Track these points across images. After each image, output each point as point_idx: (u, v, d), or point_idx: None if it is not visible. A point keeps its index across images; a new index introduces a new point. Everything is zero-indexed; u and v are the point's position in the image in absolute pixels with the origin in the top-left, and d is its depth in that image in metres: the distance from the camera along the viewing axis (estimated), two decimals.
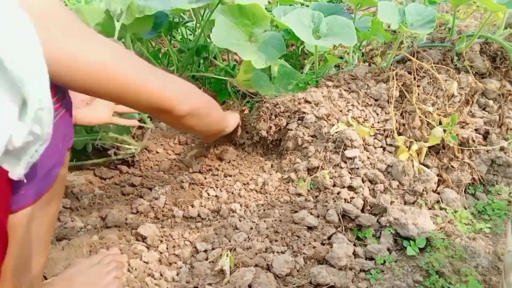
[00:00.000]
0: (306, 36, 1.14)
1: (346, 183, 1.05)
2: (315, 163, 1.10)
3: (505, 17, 1.18)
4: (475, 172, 1.06)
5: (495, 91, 1.21)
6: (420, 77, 1.18)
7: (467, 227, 0.97)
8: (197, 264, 0.90)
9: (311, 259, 0.91)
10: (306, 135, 1.16)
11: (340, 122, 1.15)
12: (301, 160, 1.14)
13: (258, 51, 1.20)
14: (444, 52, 1.25)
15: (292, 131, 1.18)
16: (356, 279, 0.87)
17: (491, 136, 1.12)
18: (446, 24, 1.43)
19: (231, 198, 1.11)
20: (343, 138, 1.08)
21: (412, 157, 1.06)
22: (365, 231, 0.97)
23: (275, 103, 1.21)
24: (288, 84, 1.31)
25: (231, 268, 0.87)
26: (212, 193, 1.13)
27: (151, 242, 0.97)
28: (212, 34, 1.18)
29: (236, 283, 0.84)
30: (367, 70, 1.27)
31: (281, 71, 1.33)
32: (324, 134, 1.12)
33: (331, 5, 1.38)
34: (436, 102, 1.15)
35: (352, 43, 1.14)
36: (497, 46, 1.24)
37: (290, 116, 1.20)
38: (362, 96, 1.21)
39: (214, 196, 1.12)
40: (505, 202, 1.02)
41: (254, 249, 0.92)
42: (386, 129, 1.14)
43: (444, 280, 0.83)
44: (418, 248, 0.91)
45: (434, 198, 1.03)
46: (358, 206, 1.01)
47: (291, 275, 0.88)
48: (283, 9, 1.34)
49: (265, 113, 1.22)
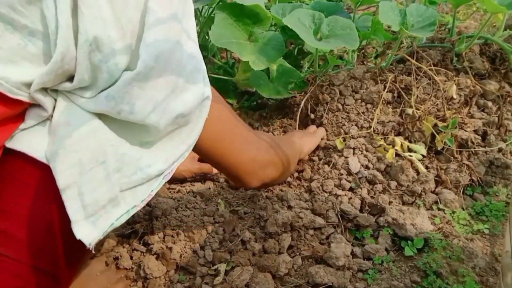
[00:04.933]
0: (309, 38, 1.12)
1: (344, 183, 1.05)
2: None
3: (505, 19, 1.18)
4: (473, 173, 1.06)
5: (494, 93, 1.21)
6: (420, 77, 1.18)
7: (465, 228, 0.98)
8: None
9: (309, 259, 0.91)
10: None
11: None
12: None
13: (257, 52, 1.18)
14: (444, 53, 1.25)
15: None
16: (353, 279, 0.87)
17: (490, 138, 1.12)
18: (446, 25, 1.43)
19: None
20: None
21: (398, 151, 1.07)
22: (363, 231, 0.97)
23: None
24: (288, 83, 1.31)
25: (227, 267, 0.87)
26: None
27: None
28: (210, 32, 1.17)
29: (233, 282, 0.84)
30: (366, 70, 1.27)
31: (279, 69, 1.32)
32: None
33: (331, 4, 1.38)
34: (435, 103, 1.15)
35: (354, 47, 1.12)
36: (496, 48, 1.25)
37: None
38: (360, 96, 1.21)
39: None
40: (503, 203, 1.02)
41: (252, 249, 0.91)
42: (385, 129, 1.14)
43: (442, 280, 0.83)
44: (416, 248, 0.91)
45: (432, 198, 1.03)
46: (356, 206, 1.01)
47: (288, 275, 0.88)
48: (281, 7, 1.33)
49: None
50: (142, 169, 0.54)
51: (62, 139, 0.50)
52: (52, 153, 0.50)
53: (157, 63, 0.50)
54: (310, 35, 1.14)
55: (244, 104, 1.48)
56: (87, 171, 0.51)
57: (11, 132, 0.52)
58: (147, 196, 0.55)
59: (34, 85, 0.50)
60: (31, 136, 0.52)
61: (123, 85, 0.50)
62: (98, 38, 0.48)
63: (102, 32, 0.48)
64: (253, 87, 1.29)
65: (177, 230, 0.98)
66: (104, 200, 0.52)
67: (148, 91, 0.52)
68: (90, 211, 0.51)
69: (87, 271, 0.88)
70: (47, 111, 0.52)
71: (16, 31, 0.48)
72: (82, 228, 0.51)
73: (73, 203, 0.51)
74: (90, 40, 0.48)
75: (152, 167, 0.54)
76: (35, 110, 0.53)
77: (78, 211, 0.51)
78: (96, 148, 0.51)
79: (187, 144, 0.59)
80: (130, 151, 0.53)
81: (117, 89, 0.51)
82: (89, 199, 0.51)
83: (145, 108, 0.51)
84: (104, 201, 0.52)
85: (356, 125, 1.16)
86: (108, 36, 0.49)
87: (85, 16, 0.47)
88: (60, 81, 0.52)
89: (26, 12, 0.47)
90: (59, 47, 0.48)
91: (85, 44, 0.49)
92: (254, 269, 0.88)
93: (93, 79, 0.51)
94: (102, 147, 0.51)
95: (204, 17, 1.41)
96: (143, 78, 0.50)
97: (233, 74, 1.41)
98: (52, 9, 0.47)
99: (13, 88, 0.49)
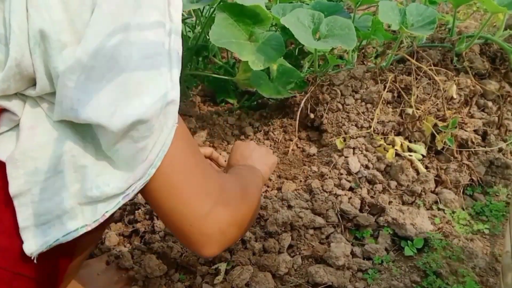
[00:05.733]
0: (306, 38, 1.11)
1: (344, 183, 1.05)
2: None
3: (505, 19, 1.19)
4: (473, 173, 1.06)
5: (494, 92, 1.21)
6: (420, 77, 1.18)
7: (465, 228, 0.98)
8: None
9: (309, 258, 0.91)
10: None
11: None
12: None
13: (257, 52, 1.17)
14: (444, 53, 1.25)
15: None
16: (353, 279, 0.87)
17: (490, 137, 1.12)
18: (446, 24, 1.43)
19: None
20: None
21: (398, 151, 1.07)
22: (363, 231, 0.97)
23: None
24: (288, 83, 1.31)
25: (227, 266, 0.87)
26: None
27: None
28: (211, 32, 1.17)
29: (233, 281, 0.84)
30: (366, 70, 1.27)
31: (280, 69, 1.32)
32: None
33: (331, 3, 1.38)
34: (435, 103, 1.15)
35: (351, 46, 1.11)
36: (496, 47, 1.25)
37: None
38: (360, 96, 1.21)
39: None
40: (503, 203, 1.02)
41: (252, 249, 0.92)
42: (385, 129, 1.14)
43: (442, 280, 0.83)
44: (415, 248, 0.92)
45: (432, 198, 1.03)
46: (356, 206, 1.01)
47: (288, 274, 0.88)
48: (282, 7, 1.33)
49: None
50: (98, 187, 0.49)
51: (22, 144, 0.48)
52: (10, 157, 0.48)
53: (97, 60, 0.45)
54: (309, 34, 1.14)
55: (245, 104, 1.48)
56: (43, 180, 0.49)
57: None
58: (100, 216, 0.50)
59: None
60: (2, 141, 0.50)
61: (59, 86, 0.46)
62: (46, 41, 0.44)
63: (52, 35, 0.44)
64: (254, 87, 1.29)
65: None
66: (59, 210, 0.49)
67: (93, 95, 0.46)
68: (42, 220, 0.49)
69: (88, 270, 0.88)
70: (17, 115, 0.49)
71: None
72: (29, 235, 0.49)
73: (24, 210, 0.49)
74: (39, 43, 0.45)
75: (110, 185, 0.49)
76: (6, 114, 0.50)
77: (29, 219, 0.49)
78: (55, 157, 0.49)
79: (150, 160, 0.50)
80: (90, 165, 0.50)
81: (57, 92, 0.46)
82: (42, 208, 0.49)
83: (90, 115, 0.46)
84: (59, 211, 0.49)
85: (356, 125, 1.17)
86: (58, 40, 0.44)
87: (32, 17, 0.44)
88: (23, 87, 0.49)
89: None
90: (12, 52, 0.45)
91: (36, 49, 0.45)
92: (254, 269, 0.88)
93: (53, 85, 0.48)
94: (61, 156, 0.49)
95: (205, 17, 1.41)
96: (82, 79, 0.45)
97: (233, 74, 1.41)
98: (9, 12, 0.44)
99: None
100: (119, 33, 0.45)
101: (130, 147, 0.49)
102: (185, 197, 0.54)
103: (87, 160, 0.50)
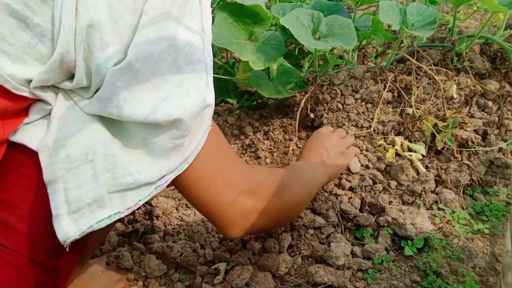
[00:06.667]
0: (305, 38, 1.11)
1: (344, 183, 1.05)
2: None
3: (505, 18, 1.18)
4: (473, 173, 1.06)
5: (494, 92, 1.21)
6: (420, 77, 1.18)
7: (465, 228, 0.98)
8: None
9: (309, 258, 0.91)
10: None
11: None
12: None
13: (257, 52, 1.17)
14: (444, 52, 1.25)
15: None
16: (353, 279, 0.87)
17: (490, 137, 1.12)
18: (446, 24, 1.43)
19: None
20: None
21: (398, 151, 1.07)
22: (363, 230, 0.97)
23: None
24: (288, 83, 1.30)
25: (227, 266, 0.87)
26: None
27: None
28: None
29: (233, 281, 0.84)
30: (366, 70, 1.27)
31: (280, 69, 1.32)
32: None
33: (332, 3, 1.38)
34: (435, 103, 1.15)
35: (351, 46, 1.11)
36: (497, 47, 1.24)
37: None
38: (361, 96, 1.21)
39: None
40: (503, 203, 1.02)
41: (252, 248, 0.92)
42: (385, 129, 1.14)
43: (442, 280, 0.83)
44: (415, 248, 0.91)
45: (432, 198, 1.03)
46: (356, 206, 1.01)
47: (288, 274, 0.88)
48: (282, 7, 1.33)
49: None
50: (131, 174, 0.52)
51: (54, 133, 0.51)
52: (42, 146, 0.51)
53: (144, 64, 0.49)
54: (308, 34, 1.14)
55: (244, 104, 1.48)
56: (74, 168, 0.51)
57: (16, 126, 0.52)
58: (133, 204, 0.54)
59: (33, 82, 0.50)
60: (33, 129, 0.53)
61: (107, 85, 0.50)
62: (91, 39, 0.48)
63: (97, 34, 0.48)
64: (253, 86, 1.29)
65: (177, 229, 0.98)
66: (89, 199, 0.52)
67: (138, 95, 0.50)
68: (73, 208, 0.51)
69: (88, 270, 0.88)
70: (51, 105, 0.53)
71: (28, 30, 0.48)
72: (63, 223, 0.51)
73: (58, 197, 0.51)
74: (84, 41, 0.48)
75: (142, 173, 0.53)
76: (39, 104, 0.53)
77: (61, 206, 0.51)
78: (86, 146, 0.51)
79: (184, 156, 0.55)
80: (121, 154, 0.52)
81: (103, 90, 0.50)
82: (73, 195, 0.51)
83: (134, 112, 0.50)
84: (89, 200, 0.52)
85: (356, 124, 1.16)
86: (101, 39, 0.48)
87: (82, 16, 0.47)
88: (60, 80, 0.52)
89: (40, 11, 0.47)
90: (59, 47, 0.48)
91: (81, 45, 0.49)
92: (254, 268, 0.88)
93: (90, 80, 0.52)
94: (92, 146, 0.51)
95: None
96: (130, 80, 0.49)
97: (233, 74, 1.41)
98: (60, 10, 0.47)
99: (18, 85, 0.49)
100: (166, 40, 0.50)
101: (168, 143, 0.53)
102: (213, 188, 0.61)
103: (117, 150, 0.53)
